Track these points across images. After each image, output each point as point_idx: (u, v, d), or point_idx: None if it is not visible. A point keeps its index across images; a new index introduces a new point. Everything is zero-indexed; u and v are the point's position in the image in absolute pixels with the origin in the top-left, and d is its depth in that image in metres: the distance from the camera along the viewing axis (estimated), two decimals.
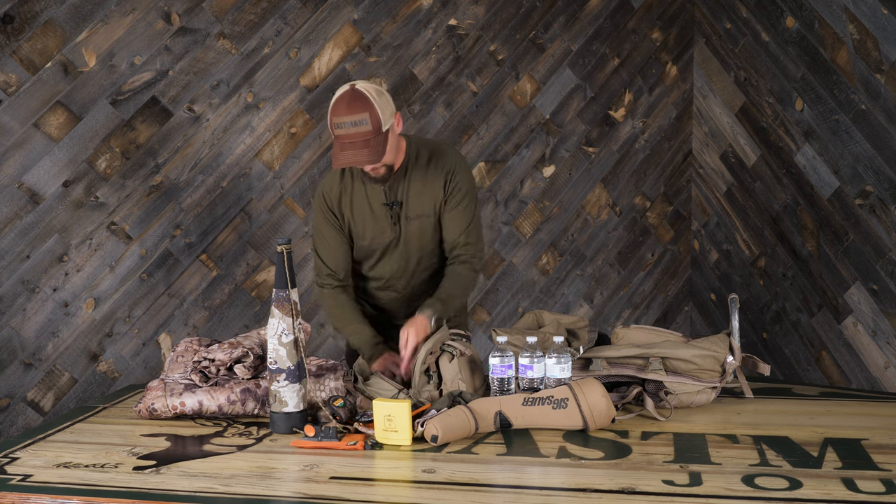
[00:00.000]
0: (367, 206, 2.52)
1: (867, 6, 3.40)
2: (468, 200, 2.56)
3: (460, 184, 2.53)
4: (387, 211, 2.51)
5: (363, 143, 2.29)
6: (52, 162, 3.39)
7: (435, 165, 2.52)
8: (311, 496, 1.62)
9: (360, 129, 2.28)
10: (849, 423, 2.05)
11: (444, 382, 2.24)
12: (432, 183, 2.51)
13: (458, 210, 2.54)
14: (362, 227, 2.54)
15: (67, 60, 3.39)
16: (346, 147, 2.29)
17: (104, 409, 2.29)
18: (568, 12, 4.27)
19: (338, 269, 2.58)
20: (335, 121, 2.30)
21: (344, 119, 2.28)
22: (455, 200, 2.53)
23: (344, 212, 2.54)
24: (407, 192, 2.51)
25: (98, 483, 1.69)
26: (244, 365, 2.19)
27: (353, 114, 2.28)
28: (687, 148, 4.60)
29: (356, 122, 2.27)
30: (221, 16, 3.63)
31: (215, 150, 3.67)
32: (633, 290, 4.57)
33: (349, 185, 2.54)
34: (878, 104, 3.40)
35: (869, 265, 3.53)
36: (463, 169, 2.55)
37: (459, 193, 2.53)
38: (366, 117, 2.28)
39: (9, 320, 3.35)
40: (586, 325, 2.47)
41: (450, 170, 2.52)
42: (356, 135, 2.28)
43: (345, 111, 2.28)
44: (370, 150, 2.29)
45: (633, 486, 1.62)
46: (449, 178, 2.52)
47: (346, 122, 2.28)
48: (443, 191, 2.52)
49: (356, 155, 2.29)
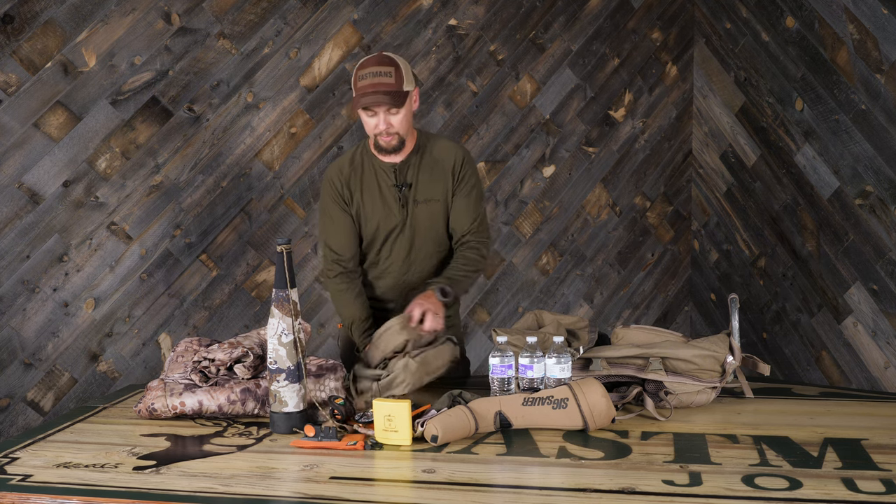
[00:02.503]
0: (377, 187, 2.56)
1: (867, 6, 3.40)
2: (477, 192, 2.62)
3: (469, 174, 2.60)
4: (396, 193, 2.54)
5: (384, 91, 2.37)
6: (52, 162, 3.39)
7: (445, 153, 2.58)
8: (311, 496, 1.62)
9: (384, 79, 2.37)
10: (849, 423, 2.05)
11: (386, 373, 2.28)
12: (442, 168, 2.57)
13: (468, 199, 2.59)
14: (371, 209, 2.56)
15: (67, 60, 3.39)
16: (368, 93, 2.37)
17: (104, 409, 2.29)
18: (568, 12, 4.27)
19: (343, 252, 2.59)
20: (360, 73, 2.39)
21: (371, 69, 2.38)
22: (465, 190, 2.59)
23: (353, 193, 2.57)
24: (417, 175, 2.55)
25: (98, 483, 1.69)
26: (244, 365, 2.19)
27: (381, 65, 2.38)
28: (687, 148, 4.60)
29: (381, 72, 2.37)
30: (221, 16, 3.63)
31: (215, 150, 3.67)
32: (633, 290, 4.57)
33: (359, 167, 2.57)
34: (878, 104, 3.40)
35: (869, 265, 3.53)
36: (471, 161, 2.62)
37: (468, 184, 2.59)
38: (391, 71, 2.38)
39: (9, 320, 3.35)
40: (586, 325, 2.47)
41: (459, 159, 2.59)
42: (379, 84, 2.37)
43: (374, 63, 2.39)
44: (391, 97, 2.37)
45: (633, 486, 1.62)
46: (458, 167, 2.58)
47: (371, 73, 2.37)
48: (452, 177, 2.57)
49: (377, 98, 2.36)
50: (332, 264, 2.60)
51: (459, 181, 2.58)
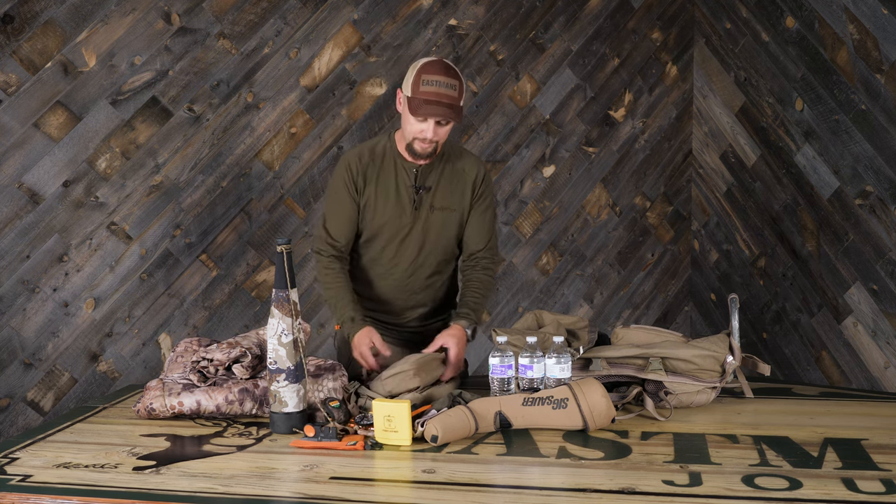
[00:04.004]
0: (394, 185, 2.55)
1: (867, 6, 3.40)
2: (492, 210, 2.67)
3: (488, 192, 2.63)
4: (412, 195, 2.53)
5: (448, 104, 2.38)
6: (52, 162, 3.39)
7: (468, 166, 2.61)
8: (311, 496, 1.62)
9: (450, 92, 2.39)
10: (849, 423, 2.05)
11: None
12: (463, 179, 2.59)
13: (484, 216, 2.63)
14: (382, 205, 2.55)
15: (67, 60, 3.38)
16: (432, 101, 2.38)
17: (104, 409, 2.29)
18: (568, 12, 4.27)
19: (339, 238, 2.59)
20: (428, 78, 2.39)
21: (438, 78, 2.38)
22: (484, 205, 2.62)
23: (368, 184, 2.56)
24: (438, 181, 2.56)
25: (98, 483, 1.68)
26: (242, 365, 2.19)
27: (449, 77, 2.39)
28: (687, 148, 4.60)
29: (450, 84, 2.39)
30: (221, 16, 3.63)
31: (215, 150, 3.67)
32: (633, 290, 4.57)
33: (380, 160, 2.57)
34: (878, 104, 3.40)
35: (869, 265, 3.53)
36: (490, 179, 2.66)
37: (486, 200, 2.63)
38: (456, 84, 2.40)
39: (9, 320, 3.35)
40: (586, 325, 2.47)
41: (481, 175, 2.62)
42: (446, 95, 2.38)
43: (441, 72, 2.39)
44: (454, 112, 2.38)
45: (633, 486, 1.62)
46: (479, 181, 2.61)
47: (441, 82, 2.38)
48: (472, 191, 2.60)
49: (441, 110, 2.37)
50: (325, 245, 2.60)
51: (479, 197, 2.61)
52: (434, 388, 2.27)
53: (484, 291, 2.61)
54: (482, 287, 2.61)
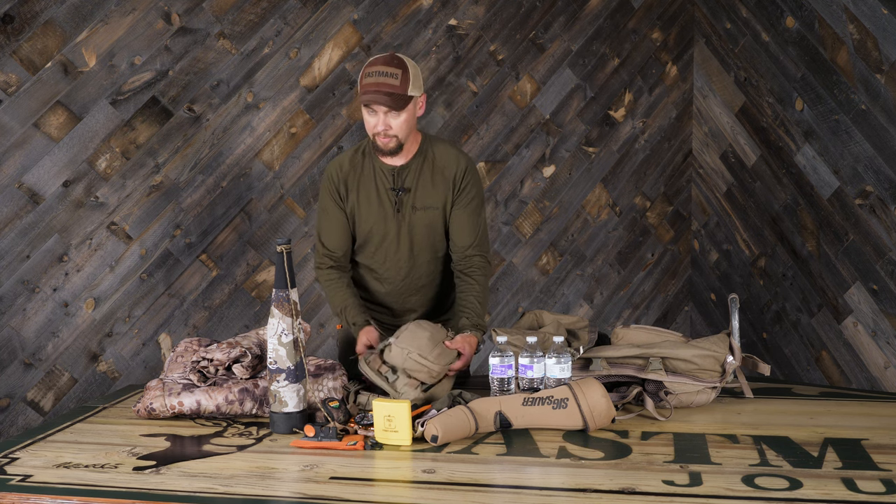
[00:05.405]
0: (375, 190, 2.54)
1: (867, 6, 3.40)
2: (477, 202, 2.59)
3: (470, 185, 2.56)
4: (392, 197, 2.52)
5: (386, 92, 2.35)
6: (52, 162, 3.39)
7: (447, 161, 2.55)
8: (311, 496, 1.62)
9: (388, 80, 2.35)
10: (849, 423, 2.05)
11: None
12: (443, 177, 2.54)
13: (467, 210, 2.56)
14: (366, 210, 2.55)
15: (67, 60, 3.38)
16: (370, 91, 2.35)
17: (104, 409, 2.29)
18: (568, 12, 4.27)
19: (335, 249, 2.58)
20: (367, 70, 2.38)
21: (378, 68, 2.36)
22: (464, 201, 2.56)
23: (350, 192, 2.55)
24: (416, 181, 2.53)
25: (98, 483, 1.69)
26: (242, 365, 2.19)
27: (390, 66, 2.36)
28: (687, 148, 4.60)
29: (387, 73, 2.35)
30: (221, 16, 3.63)
31: (215, 150, 3.67)
32: (633, 290, 4.57)
33: (359, 166, 2.56)
34: (878, 104, 3.40)
35: (869, 265, 3.53)
36: (474, 171, 2.59)
37: (470, 194, 2.56)
38: (398, 73, 2.36)
39: (9, 320, 3.35)
40: (586, 325, 2.47)
41: (461, 168, 2.55)
42: (382, 84, 2.35)
43: (382, 63, 2.37)
44: (391, 99, 2.35)
45: (633, 486, 1.62)
46: (460, 177, 2.54)
47: (380, 72, 2.36)
48: (452, 187, 2.54)
49: (377, 97, 2.35)
50: (323, 258, 2.61)
51: (460, 192, 2.55)
52: (434, 388, 2.27)
53: (482, 293, 2.59)
54: (482, 289, 2.58)
